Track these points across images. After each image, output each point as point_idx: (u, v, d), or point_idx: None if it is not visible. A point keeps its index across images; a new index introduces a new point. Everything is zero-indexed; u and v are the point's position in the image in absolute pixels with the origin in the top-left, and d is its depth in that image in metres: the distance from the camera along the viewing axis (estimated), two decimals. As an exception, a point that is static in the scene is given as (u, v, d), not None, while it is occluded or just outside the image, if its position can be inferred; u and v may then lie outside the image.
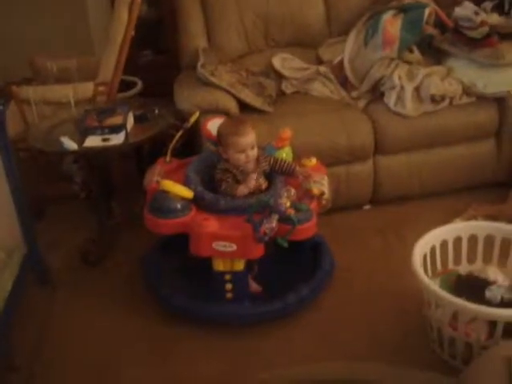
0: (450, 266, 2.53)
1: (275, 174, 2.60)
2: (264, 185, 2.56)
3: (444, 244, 2.49)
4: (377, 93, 3.35)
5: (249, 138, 2.47)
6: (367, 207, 3.38)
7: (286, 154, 2.71)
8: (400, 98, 3.20)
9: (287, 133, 2.73)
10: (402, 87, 3.19)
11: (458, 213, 3.10)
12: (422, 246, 2.37)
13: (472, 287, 2.29)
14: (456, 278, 2.40)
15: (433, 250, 2.44)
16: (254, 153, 2.49)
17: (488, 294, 2.24)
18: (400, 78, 3.22)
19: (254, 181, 2.48)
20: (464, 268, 2.51)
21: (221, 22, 3.63)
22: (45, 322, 2.65)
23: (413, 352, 2.35)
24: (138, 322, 2.61)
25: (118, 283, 2.87)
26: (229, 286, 2.47)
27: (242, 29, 3.65)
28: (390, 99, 3.21)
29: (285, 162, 2.60)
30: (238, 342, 2.46)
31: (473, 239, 2.52)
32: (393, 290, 2.69)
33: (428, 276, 2.31)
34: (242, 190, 2.48)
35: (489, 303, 2.18)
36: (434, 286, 2.19)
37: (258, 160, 2.56)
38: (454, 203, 3.24)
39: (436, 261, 2.47)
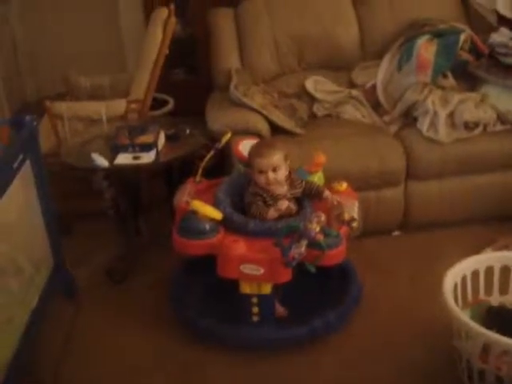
0: (481, 296, 2.48)
1: (306, 197, 2.58)
2: (294, 209, 2.55)
3: (475, 274, 2.43)
4: (409, 118, 3.32)
5: (269, 159, 2.46)
6: (397, 233, 3.34)
7: (318, 178, 2.69)
8: (433, 124, 3.17)
9: (321, 158, 2.71)
10: (436, 113, 3.16)
11: (489, 242, 3.05)
12: (453, 275, 2.32)
13: (504, 319, 2.25)
14: (487, 309, 2.35)
15: (464, 279, 2.40)
16: (276, 176, 2.48)
17: (520, 326, 2.19)
18: (433, 103, 3.19)
19: (285, 206, 2.46)
20: (495, 299, 2.47)
21: (254, 43, 3.65)
22: (69, 337, 2.64)
23: (441, 382, 2.31)
24: (162, 343, 2.59)
25: (143, 302, 2.86)
26: (255, 309, 2.45)
27: (274, 50, 3.66)
28: (423, 125, 3.18)
29: (316, 186, 2.59)
30: (262, 367, 2.43)
31: (505, 270, 2.46)
32: (421, 318, 2.65)
33: (458, 306, 2.26)
34: (272, 213, 2.46)
35: (521, 337, 2.13)
36: (464, 316, 2.14)
37: (291, 185, 2.55)
38: (486, 232, 3.18)
39: (467, 291, 2.42)
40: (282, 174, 2.50)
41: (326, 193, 2.57)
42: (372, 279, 2.86)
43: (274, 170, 2.47)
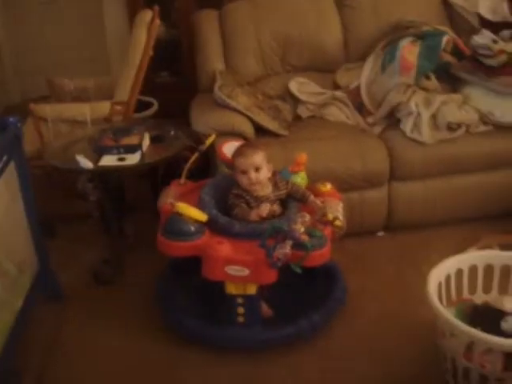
0: (465, 295, 2.50)
1: (290, 198, 2.58)
2: (278, 211, 2.55)
3: (459, 273, 2.45)
4: (393, 119, 3.34)
5: (251, 159, 2.48)
6: (381, 234, 3.35)
7: (301, 178, 2.70)
8: (416, 125, 3.19)
9: (303, 157, 2.72)
10: (419, 114, 3.18)
11: (473, 241, 3.06)
12: (437, 275, 2.33)
13: (487, 317, 2.26)
14: (471, 307, 2.36)
15: (448, 278, 2.41)
16: (258, 176, 2.49)
17: (504, 324, 2.21)
18: (417, 104, 3.21)
19: (267, 211, 2.46)
20: (479, 298, 2.48)
21: (238, 45, 3.66)
22: (53, 340, 2.63)
23: (426, 382, 2.32)
24: (148, 344, 2.59)
25: (129, 304, 2.85)
26: (241, 310, 2.45)
27: (259, 52, 3.67)
28: (407, 126, 3.20)
29: (302, 191, 2.60)
30: (248, 367, 2.43)
31: (488, 268, 2.48)
32: (406, 318, 2.66)
33: (443, 305, 2.27)
34: (254, 216, 2.47)
35: (505, 334, 2.14)
36: (449, 315, 2.15)
37: (275, 186, 2.56)
38: (470, 232, 3.20)
39: (451, 290, 2.43)
40: (265, 174, 2.51)
41: (311, 198, 2.57)
42: (356, 279, 2.87)
43: (257, 169, 2.48)
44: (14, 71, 5.38)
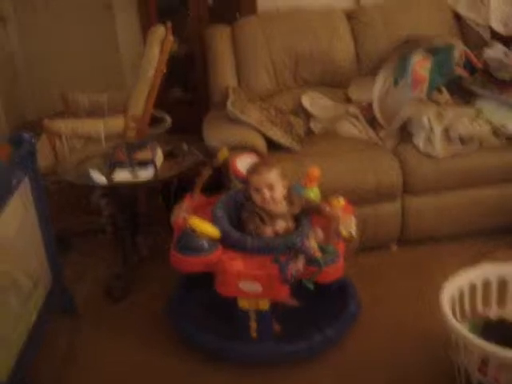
0: (479, 309, 2.49)
1: (303, 214, 2.58)
2: (292, 227, 2.55)
3: (472, 287, 2.44)
4: (405, 133, 3.34)
5: (264, 177, 2.48)
6: (394, 248, 3.34)
7: (313, 193, 2.70)
8: (429, 139, 3.18)
9: (316, 172, 2.72)
10: (431, 128, 3.18)
11: (486, 255, 3.06)
12: (450, 288, 2.33)
13: (502, 332, 2.25)
14: (485, 322, 2.36)
15: (461, 292, 2.40)
16: (272, 194, 2.48)
17: (518, 339, 2.20)
18: (429, 119, 3.21)
19: (283, 228, 2.47)
20: (494, 312, 2.47)
21: (250, 61, 3.68)
22: (66, 354, 2.64)
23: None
24: (160, 358, 2.59)
25: (142, 319, 2.86)
26: (253, 325, 2.45)
27: (271, 67, 3.69)
28: (419, 140, 3.20)
29: (316, 205, 2.61)
30: (260, 382, 2.43)
31: (502, 282, 2.47)
32: (419, 332, 2.65)
33: (456, 319, 2.27)
34: (268, 232, 2.47)
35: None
36: (463, 329, 2.14)
37: (290, 202, 2.56)
38: (483, 245, 3.20)
39: (464, 304, 2.43)
40: (279, 192, 2.51)
41: (327, 208, 2.56)
42: (370, 294, 2.86)
43: (271, 188, 2.48)
44: (29, 86, 5.42)
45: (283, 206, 2.54)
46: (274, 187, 2.48)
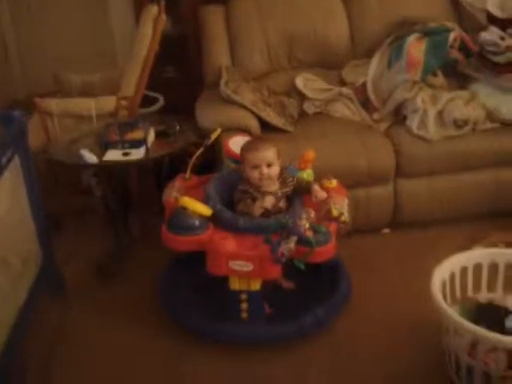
0: (470, 293, 2.49)
1: (296, 194, 2.57)
2: (284, 207, 2.54)
3: (464, 271, 2.44)
4: (399, 116, 3.33)
5: (263, 153, 2.46)
6: (386, 231, 3.34)
7: (307, 175, 2.69)
8: (423, 122, 3.18)
9: (311, 155, 2.71)
10: (425, 111, 3.17)
11: (479, 239, 3.06)
12: (442, 273, 2.32)
13: (492, 316, 2.25)
14: (475, 305, 2.36)
15: (452, 276, 2.40)
16: (270, 171, 2.47)
17: (508, 322, 2.20)
18: (423, 101, 3.20)
19: (271, 203, 2.46)
20: (484, 296, 2.47)
21: (244, 41, 3.66)
22: (57, 333, 2.64)
23: (430, 380, 2.32)
24: (151, 339, 2.59)
25: (133, 298, 2.85)
26: (244, 306, 2.45)
27: (265, 48, 3.66)
28: (413, 122, 3.19)
29: (305, 182, 2.60)
30: (251, 363, 2.43)
31: (493, 267, 2.47)
32: (410, 315, 2.65)
33: (447, 303, 2.26)
34: (258, 209, 2.46)
35: (509, 332, 2.14)
36: (453, 313, 2.14)
37: (283, 183, 2.55)
38: (476, 229, 3.19)
39: (455, 288, 2.43)
40: (275, 170, 2.50)
41: (315, 186, 2.54)
42: (361, 276, 2.86)
43: (269, 165, 2.47)
44: (20, 66, 5.38)
45: (276, 186, 2.53)
46: (271, 165, 2.47)
